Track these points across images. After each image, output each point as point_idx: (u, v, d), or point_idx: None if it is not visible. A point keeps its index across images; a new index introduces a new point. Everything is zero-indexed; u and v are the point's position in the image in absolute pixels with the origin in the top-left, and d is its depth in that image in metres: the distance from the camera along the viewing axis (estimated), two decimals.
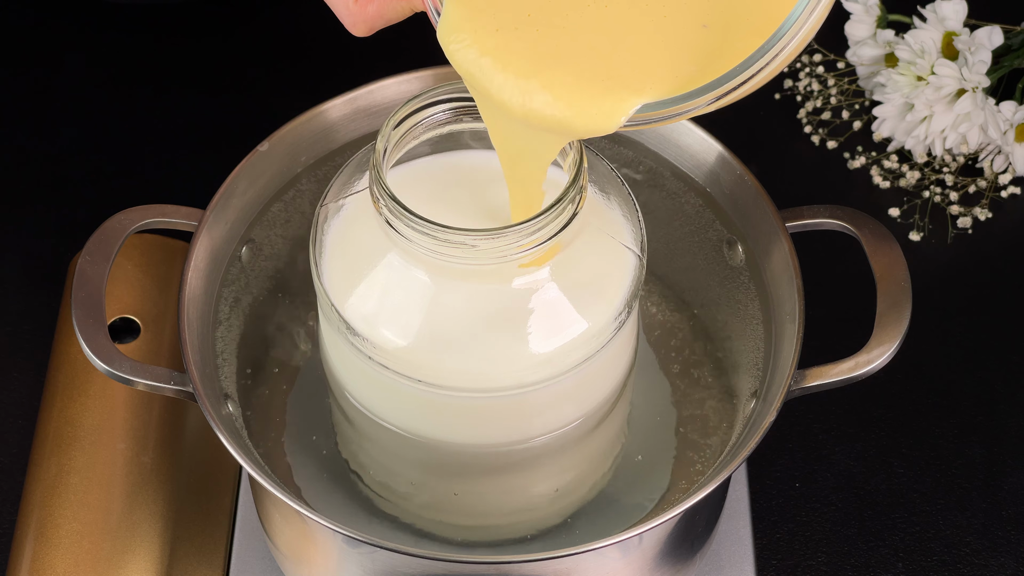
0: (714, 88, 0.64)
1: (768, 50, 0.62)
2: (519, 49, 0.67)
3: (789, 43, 0.61)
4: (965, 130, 1.00)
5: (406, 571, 0.74)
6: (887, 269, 0.79)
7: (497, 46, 0.67)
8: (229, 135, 1.06)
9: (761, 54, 0.62)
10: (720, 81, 0.63)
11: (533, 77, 0.67)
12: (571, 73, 0.66)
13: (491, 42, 0.67)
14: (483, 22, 0.67)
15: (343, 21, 0.71)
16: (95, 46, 1.11)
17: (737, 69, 0.63)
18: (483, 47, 0.67)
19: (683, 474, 0.82)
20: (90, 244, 0.79)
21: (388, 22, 0.71)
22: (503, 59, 0.67)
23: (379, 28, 0.71)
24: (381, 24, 0.71)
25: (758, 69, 0.62)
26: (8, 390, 0.95)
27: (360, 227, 0.74)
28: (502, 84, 0.67)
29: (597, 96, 0.66)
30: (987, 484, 0.91)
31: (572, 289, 0.73)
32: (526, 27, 0.67)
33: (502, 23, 0.67)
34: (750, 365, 0.82)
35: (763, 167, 0.85)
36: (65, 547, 0.84)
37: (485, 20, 0.67)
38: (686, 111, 0.65)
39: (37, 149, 1.06)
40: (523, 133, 0.69)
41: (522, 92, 0.67)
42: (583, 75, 0.66)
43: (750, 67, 0.63)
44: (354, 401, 0.78)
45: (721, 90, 0.64)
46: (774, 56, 0.62)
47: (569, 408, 0.77)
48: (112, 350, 0.76)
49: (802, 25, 0.61)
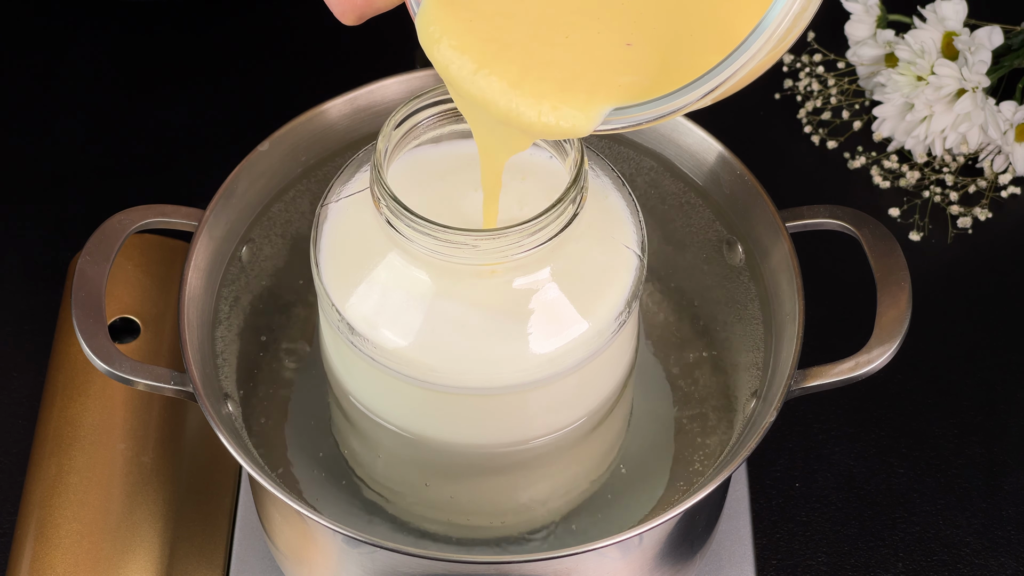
0: (686, 92, 0.63)
1: (731, 62, 0.61)
2: (493, 44, 0.67)
3: (754, 56, 0.61)
4: (965, 130, 1.00)
5: (406, 571, 0.73)
6: (887, 269, 0.79)
7: (472, 40, 0.67)
8: (229, 135, 1.06)
9: (727, 64, 0.61)
10: (691, 88, 0.63)
11: (507, 74, 0.66)
12: (546, 72, 0.66)
13: (466, 37, 0.67)
14: (459, 15, 0.67)
15: (332, 10, 0.70)
16: (95, 46, 1.11)
17: (706, 77, 0.62)
18: (458, 41, 0.67)
19: (683, 474, 0.82)
20: (90, 244, 0.79)
21: (377, 10, 0.71)
22: (477, 54, 0.67)
23: (369, 16, 0.71)
24: (371, 12, 0.71)
25: (724, 79, 0.62)
26: (8, 390, 0.95)
27: (361, 227, 0.74)
28: (475, 78, 0.67)
29: (569, 97, 0.66)
30: (987, 484, 0.91)
31: (572, 289, 0.73)
32: (501, 22, 0.67)
33: (477, 17, 0.67)
34: (750, 365, 0.82)
35: (763, 167, 0.85)
36: (65, 547, 0.84)
37: (461, 13, 0.67)
38: (665, 113, 0.64)
39: (37, 149, 1.06)
40: (496, 127, 0.68)
41: (493, 88, 0.67)
42: (557, 75, 0.66)
43: (716, 75, 0.62)
44: (354, 401, 0.78)
45: (694, 95, 0.63)
46: (740, 66, 0.61)
47: (569, 408, 0.77)
48: (112, 350, 0.76)
49: (768, 36, 0.60)
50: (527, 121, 0.66)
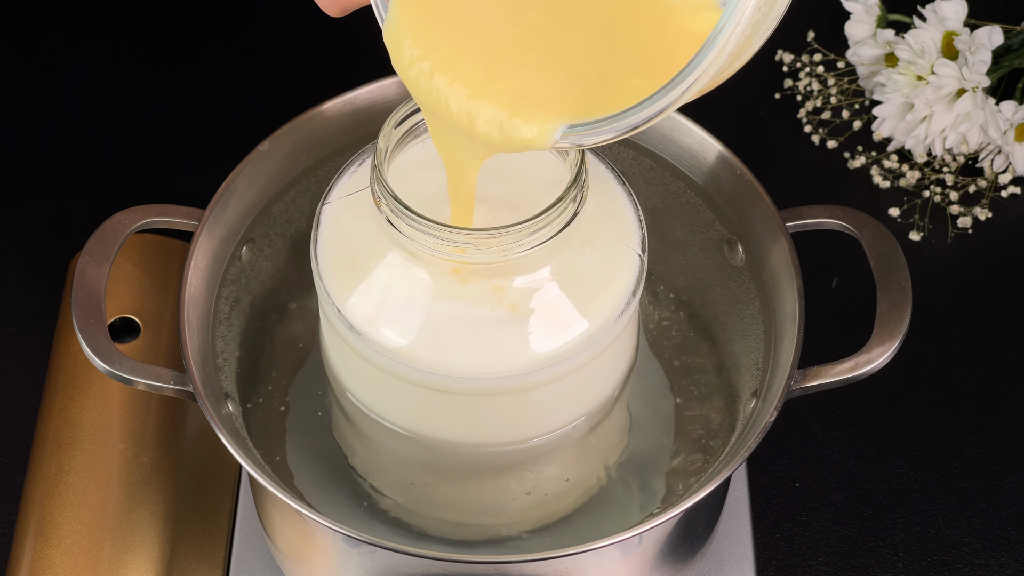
0: (638, 111, 0.63)
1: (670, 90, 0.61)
2: (456, 56, 0.67)
3: (694, 84, 0.60)
4: (965, 130, 1.00)
5: (406, 571, 0.73)
6: (887, 269, 0.79)
7: (436, 52, 0.67)
8: (229, 135, 1.06)
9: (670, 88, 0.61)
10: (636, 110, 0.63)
11: (467, 85, 0.67)
12: (505, 87, 0.67)
13: (432, 51, 0.68)
14: (424, 27, 0.68)
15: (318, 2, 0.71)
16: (96, 46, 1.11)
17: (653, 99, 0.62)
18: (424, 52, 0.68)
19: (683, 474, 0.82)
20: (90, 244, 0.79)
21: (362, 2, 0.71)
22: (441, 65, 0.67)
23: (353, 8, 0.71)
24: (355, 5, 0.71)
25: (666, 105, 0.61)
26: (8, 390, 0.95)
27: (361, 226, 0.74)
28: (437, 89, 0.67)
29: (524, 113, 0.66)
30: (987, 484, 0.91)
31: (573, 288, 0.73)
32: (465, 35, 0.67)
33: (442, 29, 0.68)
34: (750, 365, 0.82)
35: (763, 167, 0.85)
36: (65, 547, 0.84)
37: (426, 25, 0.68)
38: (622, 131, 0.64)
39: (37, 148, 1.06)
40: (457, 138, 0.69)
41: (453, 99, 0.67)
42: (513, 90, 0.66)
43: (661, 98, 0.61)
44: (354, 400, 0.78)
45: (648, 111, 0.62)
46: (682, 91, 0.61)
47: (569, 407, 0.77)
48: (112, 350, 0.76)
49: (705, 68, 0.59)
50: (483, 133, 0.67)
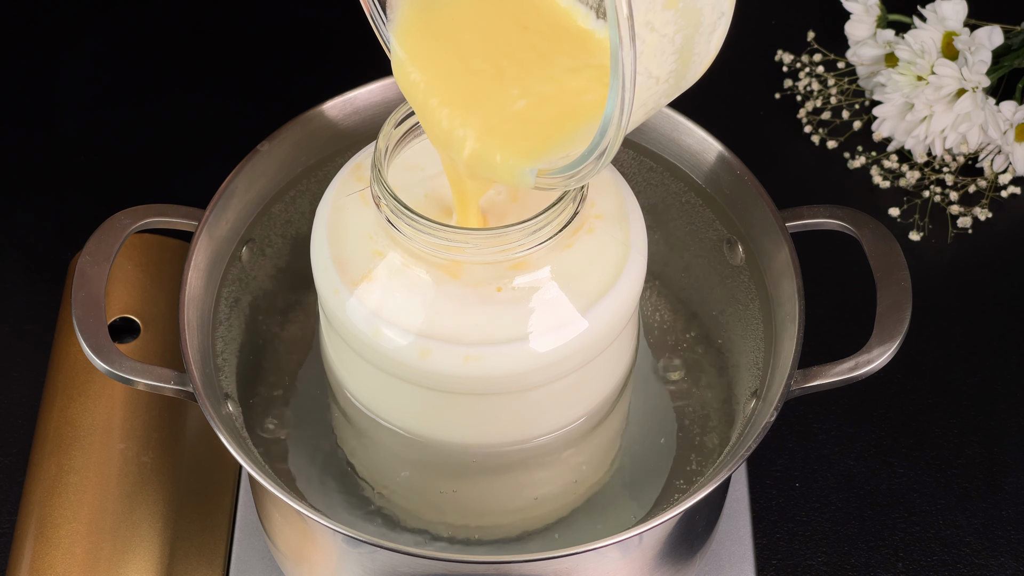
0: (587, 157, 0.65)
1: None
2: (452, 90, 0.69)
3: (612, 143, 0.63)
4: (965, 130, 1.00)
5: (406, 571, 0.74)
6: (887, 269, 0.79)
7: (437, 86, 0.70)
8: (229, 135, 1.06)
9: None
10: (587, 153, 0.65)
11: (464, 120, 0.69)
12: (493, 126, 0.69)
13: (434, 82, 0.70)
14: (427, 61, 0.70)
15: None
16: (95, 45, 1.11)
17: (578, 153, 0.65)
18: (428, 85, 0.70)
19: (683, 474, 0.82)
20: (90, 244, 0.79)
21: None
22: (444, 97, 0.69)
23: None
24: None
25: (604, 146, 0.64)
26: (8, 390, 0.95)
27: (361, 226, 0.74)
28: (440, 120, 0.69)
29: (506, 153, 0.68)
30: (987, 484, 0.91)
31: (573, 288, 0.73)
32: (462, 74, 0.69)
33: (440, 65, 0.70)
34: (750, 365, 0.82)
35: (763, 167, 0.85)
36: (65, 547, 0.84)
37: (429, 59, 0.70)
38: (577, 181, 0.66)
39: (37, 148, 1.06)
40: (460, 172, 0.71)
41: (449, 131, 0.69)
42: (500, 131, 0.68)
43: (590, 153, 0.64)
44: (354, 400, 0.78)
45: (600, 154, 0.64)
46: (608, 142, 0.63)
47: (569, 408, 0.77)
48: (112, 350, 0.76)
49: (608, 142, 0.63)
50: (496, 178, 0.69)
